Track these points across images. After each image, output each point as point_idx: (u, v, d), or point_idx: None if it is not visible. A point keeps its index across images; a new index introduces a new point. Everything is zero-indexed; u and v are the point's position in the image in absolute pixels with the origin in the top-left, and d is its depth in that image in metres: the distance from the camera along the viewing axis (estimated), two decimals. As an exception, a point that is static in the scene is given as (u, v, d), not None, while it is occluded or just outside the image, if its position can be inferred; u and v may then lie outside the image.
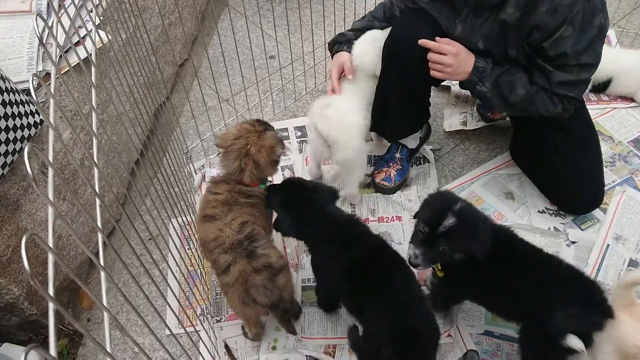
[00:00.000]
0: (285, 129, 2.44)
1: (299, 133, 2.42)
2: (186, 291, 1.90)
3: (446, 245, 1.44)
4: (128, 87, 2.02)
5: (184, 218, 2.05)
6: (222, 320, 1.89)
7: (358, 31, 2.04)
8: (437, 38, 1.78)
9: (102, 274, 0.85)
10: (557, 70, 1.66)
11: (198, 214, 1.73)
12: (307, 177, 2.17)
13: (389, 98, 2.01)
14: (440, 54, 1.77)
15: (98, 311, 1.96)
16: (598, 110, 2.45)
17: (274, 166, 1.72)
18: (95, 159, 0.92)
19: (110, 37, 1.91)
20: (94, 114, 0.98)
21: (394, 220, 2.13)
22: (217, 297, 1.95)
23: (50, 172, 0.84)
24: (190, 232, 2.07)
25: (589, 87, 2.44)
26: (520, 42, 1.68)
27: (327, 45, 2.55)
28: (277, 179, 2.25)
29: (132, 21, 2.00)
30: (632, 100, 2.47)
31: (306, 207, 1.61)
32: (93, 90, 1.03)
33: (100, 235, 0.80)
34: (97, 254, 2.05)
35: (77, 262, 1.93)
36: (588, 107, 2.42)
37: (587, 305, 1.43)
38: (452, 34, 1.82)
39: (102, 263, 0.83)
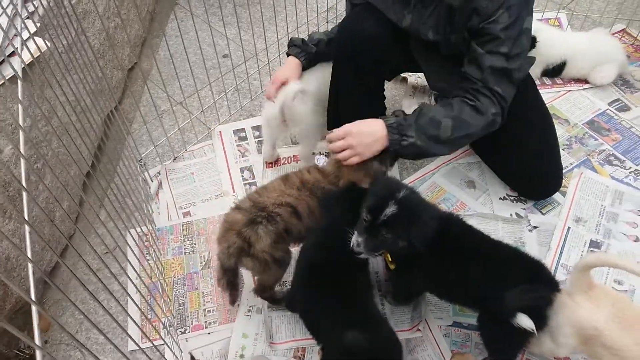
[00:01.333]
0: (243, 129, 2.39)
1: (257, 133, 2.37)
2: (148, 303, 1.84)
3: (387, 233, 1.43)
4: (73, 96, 1.94)
5: (142, 228, 1.99)
6: (187, 331, 1.84)
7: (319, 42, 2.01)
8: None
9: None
10: (488, 54, 1.64)
11: None
12: (268, 176, 2.13)
13: (342, 95, 1.99)
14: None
15: (56, 332, 1.88)
16: (553, 94, 2.47)
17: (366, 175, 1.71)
18: (24, 182, 0.85)
19: (49, 45, 1.81)
20: (21, 133, 0.91)
21: (358, 217, 2.10)
22: (180, 307, 1.89)
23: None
24: (149, 242, 2.01)
25: (540, 71, 2.46)
26: (461, 27, 1.67)
27: (279, 41, 2.51)
28: (236, 181, 2.20)
29: (74, 26, 1.92)
30: (585, 82, 2.50)
31: None
32: (20, 107, 0.96)
33: (30, 266, 0.74)
34: (53, 270, 1.97)
35: (29, 284, 1.84)
36: (543, 91, 2.46)
37: (535, 281, 1.45)
38: (401, 26, 1.80)
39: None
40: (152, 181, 2.21)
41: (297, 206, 1.63)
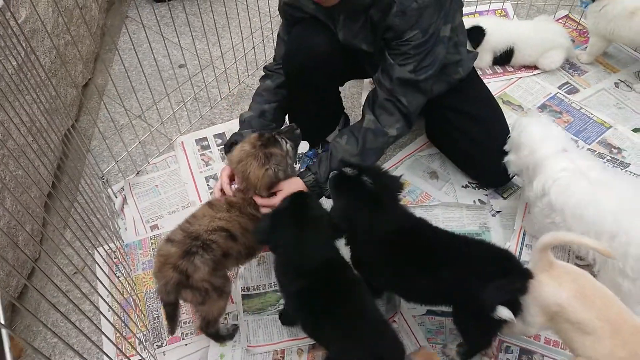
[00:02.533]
0: (205, 138, 2.38)
1: (219, 140, 2.37)
2: (122, 320, 1.82)
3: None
4: (28, 117, 1.90)
5: (109, 245, 1.96)
6: (163, 344, 1.82)
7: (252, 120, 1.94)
8: None
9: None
10: (397, 65, 1.71)
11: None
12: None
13: (298, 108, 2.02)
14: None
15: (28, 359, 1.84)
16: (505, 82, 2.55)
17: (274, 185, 1.67)
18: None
19: (-2, 67, 1.77)
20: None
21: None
22: (155, 321, 1.88)
23: None
24: (118, 259, 1.98)
25: (490, 59, 2.54)
26: (379, 40, 1.73)
27: (234, 47, 2.51)
28: (202, 190, 2.20)
29: (22, 46, 1.88)
30: (535, 68, 2.59)
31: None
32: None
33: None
34: (21, 295, 1.93)
35: (-2, 309, 1.80)
36: (495, 79, 2.55)
37: (507, 273, 1.48)
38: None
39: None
40: (116, 197, 2.18)
41: (230, 228, 1.61)
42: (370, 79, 2.55)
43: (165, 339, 1.83)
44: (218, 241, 1.58)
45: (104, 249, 1.92)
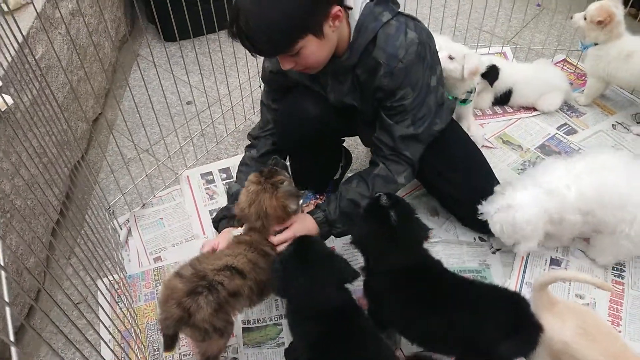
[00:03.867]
0: (210, 173, 2.43)
1: (224, 175, 2.42)
2: (123, 349, 1.83)
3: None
4: (41, 148, 1.96)
5: (113, 276, 1.99)
6: (163, 377, 1.83)
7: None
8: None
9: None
10: (397, 125, 1.76)
11: None
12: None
13: (296, 165, 2.08)
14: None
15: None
16: (505, 122, 2.61)
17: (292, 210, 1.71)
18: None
19: (13, 100, 1.84)
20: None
21: (328, 250, 2.15)
22: (156, 353, 1.88)
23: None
24: (121, 290, 2.00)
25: (491, 100, 2.61)
26: (370, 98, 1.77)
27: (241, 86, 2.59)
28: (206, 223, 2.23)
29: (38, 80, 1.95)
30: (534, 109, 2.65)
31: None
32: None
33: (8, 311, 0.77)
34: (21, 326, 1.94)
35: (9, 326, 1.81)
36: (495, 119, 2.60)
37: (519, 323, 1.48)
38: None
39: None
40: (121, 229, 2.22)
41: (236, 265, 1.61)
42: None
43: (165, 371, 1.84)
44: (224, 282, 1.58)
45: (108, 280, 1.95)
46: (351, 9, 1.60)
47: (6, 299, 0.83)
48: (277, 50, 1.53)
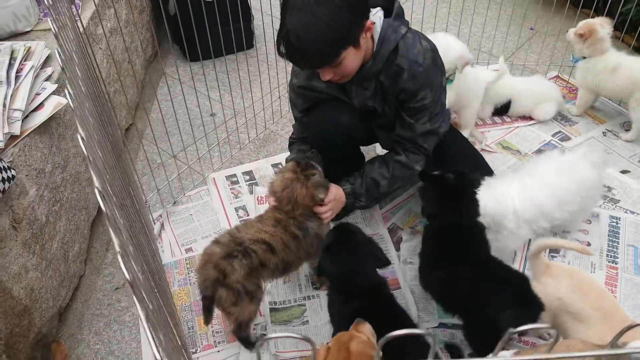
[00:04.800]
0: (234, 175, 2.64)
1: (247, 177, 2.63)
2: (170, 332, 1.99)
3: None
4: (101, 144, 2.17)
5: (152, 264, 2.16)
6: (197, 351, 1.98)
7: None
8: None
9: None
10: (417, 123, 1.99)
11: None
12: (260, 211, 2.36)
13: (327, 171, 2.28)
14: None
15: (73, 364, 2.00)
16: (504, 130, 2.84)
17: (320, 200, 1.93)
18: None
19: (67, 101, 2.06)
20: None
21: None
22: (190, 330, 2.05)
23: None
24: (160, 275, 2.18)
25: (491, 110, 2.85)
26: (393, 101, 1.99)
27: (263, 98, 2.83)
28: (232, 219, 2.43)
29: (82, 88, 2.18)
30: (530, 119, 2.89)
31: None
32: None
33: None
34: (67, 307, 2.12)
35: (48, 316, 1.98)
36: (496, 128, 2.83)
37: (523, 300, 1.66)
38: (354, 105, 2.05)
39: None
40: (154, 223, 2.41)
41: (271, 242, 1.83)
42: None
43: (200, 346, 2.00)
44: (257, 251, 1.79)
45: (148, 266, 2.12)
46: (374, 23, 1.83)
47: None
48: (326, 62, 1.74)
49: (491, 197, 1.99)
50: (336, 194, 2.01)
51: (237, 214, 2.46)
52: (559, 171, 2.04)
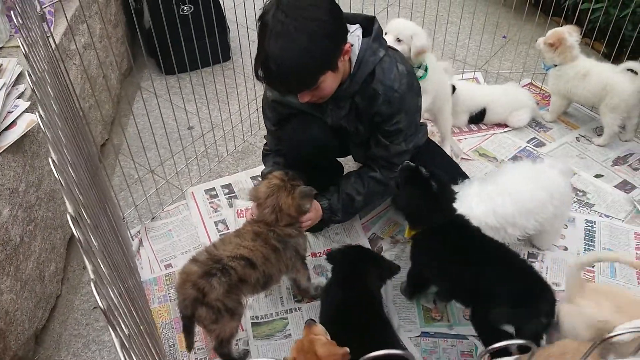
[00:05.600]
0: (213, 188, 2.62)
1: (227, 190, 2.61)
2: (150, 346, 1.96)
3: None
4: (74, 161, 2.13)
5: (130, 282, 2.13)
6: (179, 369, 1.96)
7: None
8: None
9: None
10: (392, 144, 2.03)
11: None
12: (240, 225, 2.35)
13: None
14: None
15: (50, 386, 1.96)
16: (480, 137, 2.88)
17: (302, 215, 1.93)
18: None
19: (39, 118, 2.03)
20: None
21: (326, 254, 2.32)
22: (171, 348, 2.02)
23: None
24: (137, 293, 2.15)
25: (467, 119, 2.90)
26: (367, 122, 2.01)
27: (240, 110, 2.83)
28: (211, 233, 2.41)
29: (63, 103, 2.15)
30: (505, 126, 2.93)
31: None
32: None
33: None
34: (43, 328, 2.07)
35: (24, 338, 1.93)
36: (472, 136, 2.87)
37: (530, 297, 1.69)
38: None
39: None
40: (133, 240, 2.38)
41: (251, 257, 1.80)
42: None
43: (181, 364, 1.97)
44: (237, 268, 1.77)
45: (126, 284, 2.09)
46: (352, 44, 1.83)
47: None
48: (304, 87, 1.75)
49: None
50: (316, 209, 2.04)
51: (217, 228, 2.44)
52: (528, 180, 2.06)
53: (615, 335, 0.69)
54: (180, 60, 2.45)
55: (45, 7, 1.95)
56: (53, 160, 0.92)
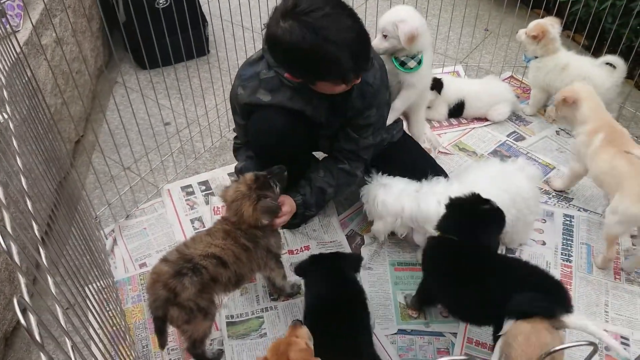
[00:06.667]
0: (190, 186, 2.58)
1: (203, 187, 2.58)
2: (112, 350, 1.92)
3: None
4: (29, 164, 2.08)
5: (100, 283, 2.09)
6: (152, 370, 1.93)
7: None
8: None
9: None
10: (361, 138, 2.06)
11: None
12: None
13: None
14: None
15: (20, 389, 1.92)
16: (460, 132, 2.86)
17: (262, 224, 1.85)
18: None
19: (6, 117, 1.98)
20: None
21: (303, 251, 2.30)
22: (144, 349, 1.99)
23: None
24: (107, 294, 2.11)
25: (445, 112, 2.88)
26: (340, 115, 2.01)
27: (217, 106, 2.78)
28: (187, 231, 2.37)
29: (25, 103, 2.09)
30: (486, 120, 2.91)
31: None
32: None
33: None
34: (13, 330, 2.03)
35: None
36: (451, 130, 2.84)
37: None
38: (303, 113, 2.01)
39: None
40: (106, 239, 2.34)
41: (222, 256, 1.77)
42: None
43: (154, 365, 1.94)
44: (208, 267, 1.74)
45: (95, 285, 2.05)
46: None
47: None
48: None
49: (416, 200, 2.04)
50: (290, 204, 2.01)
51: (193, 226, 2.41)
52: (492, 181, 2.02)
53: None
54: (154, 55, 2.40)
55: (4, 2, 1.89)
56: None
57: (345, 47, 1.59)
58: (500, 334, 1.57)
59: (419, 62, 2.14)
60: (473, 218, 1.78)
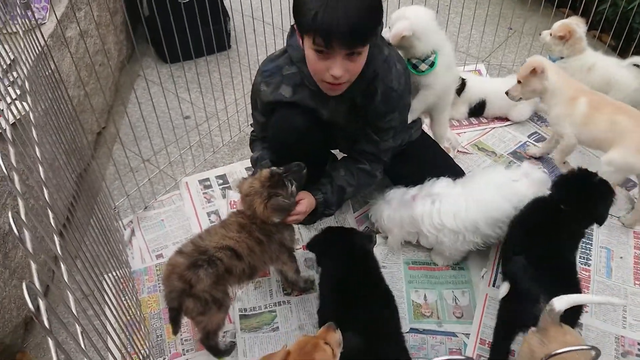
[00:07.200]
0: (207, 179, 2.61)
1: (221, 181, 2.60)
2: (126, 339, 1.96)
3: None
4: (52, 155, 2.13)
5: (117, 272, 2.13)
6: (165, 359, 1.96)
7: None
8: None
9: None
10: (382, 140, 2.04)
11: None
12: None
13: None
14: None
15: (38, 373, 1.97)
16: (479, 131, 2.83)
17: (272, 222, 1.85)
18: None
19: (29, 108, 2.02)
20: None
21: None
22: (159, 339, 2.02)
23: None
24: (124, 284, 2.15)
25: (467, 110, 2.85)
26: (362, 118, 1.99)
27: (236, 101, 2.80)
28: (204, 224, 2.40)
29: (48, 95, 2.14)
30: (506, 119, 2.88)
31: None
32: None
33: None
34: (32, 317, 2.07)
35: (12, 326, 1.94)
36: (471, 129, 2.83)
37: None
38: (320, 117, 2.00)
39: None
40: (125, 229, 2.38)
41: (237, 248, 1.79)
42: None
43: (168, 355, 1.97)
44: (223, 258, 1.76)
45: (113, 275, 2.09)
46: None
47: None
48: (358, 38, 1.61)
49: (411, 206, 2.10)
50: (309, 204, 1.98)
51: (210, 219, 2.43)
52: (496, 188, 2.01)
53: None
54: (175, 49, 2.42)
55: (30, -5, 1.92)
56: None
57: None
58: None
59: (432, 65, 2.11)
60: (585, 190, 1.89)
